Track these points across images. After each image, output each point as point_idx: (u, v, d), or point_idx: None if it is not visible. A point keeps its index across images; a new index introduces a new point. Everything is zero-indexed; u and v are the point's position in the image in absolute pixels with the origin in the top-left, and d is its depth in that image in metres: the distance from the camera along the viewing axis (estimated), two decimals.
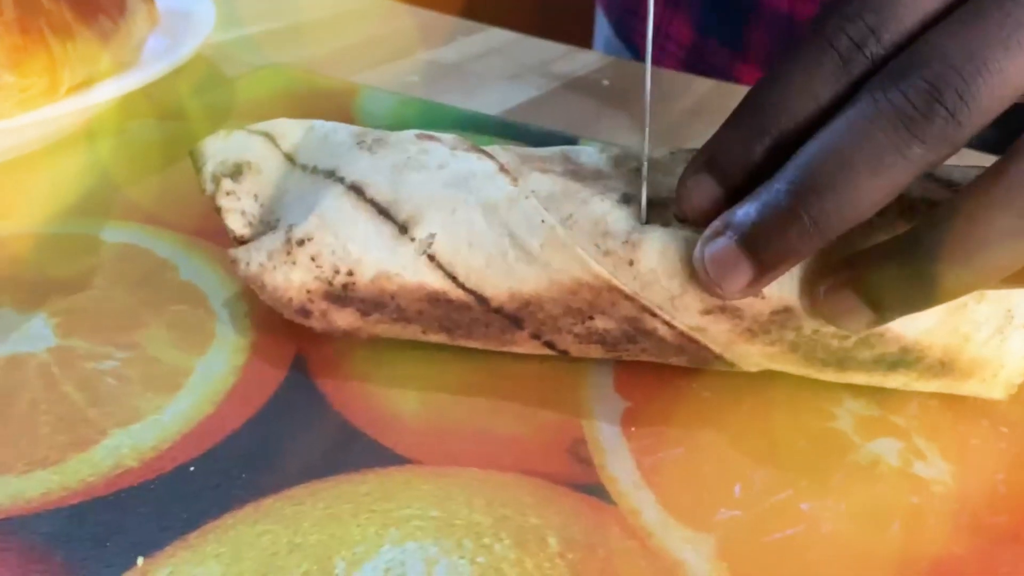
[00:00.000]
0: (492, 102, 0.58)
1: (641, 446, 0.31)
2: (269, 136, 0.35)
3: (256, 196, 0.34)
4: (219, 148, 0.35)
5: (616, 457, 0.30)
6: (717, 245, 0.28)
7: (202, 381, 0.32)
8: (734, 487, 0.30)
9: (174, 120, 0.51)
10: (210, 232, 0.40)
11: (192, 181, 0.44)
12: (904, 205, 0.30)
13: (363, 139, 0.34)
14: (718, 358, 0.32)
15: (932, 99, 0.25)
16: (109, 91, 0.44)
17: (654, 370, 0.34)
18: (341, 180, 0.32)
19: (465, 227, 0.31)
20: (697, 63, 0.73)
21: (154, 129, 0.49)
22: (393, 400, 0.32)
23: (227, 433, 0.30)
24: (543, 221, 0.30)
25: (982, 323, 0.31)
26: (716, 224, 0.29)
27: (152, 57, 0.50)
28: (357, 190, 0.31)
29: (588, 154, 0.34)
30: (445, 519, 0.28)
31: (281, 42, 0.66)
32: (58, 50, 0.39)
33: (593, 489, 0.29)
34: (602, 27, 0.82)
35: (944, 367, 0.32)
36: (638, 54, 0.76)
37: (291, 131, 0.35)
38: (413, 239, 0.31)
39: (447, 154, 0.33)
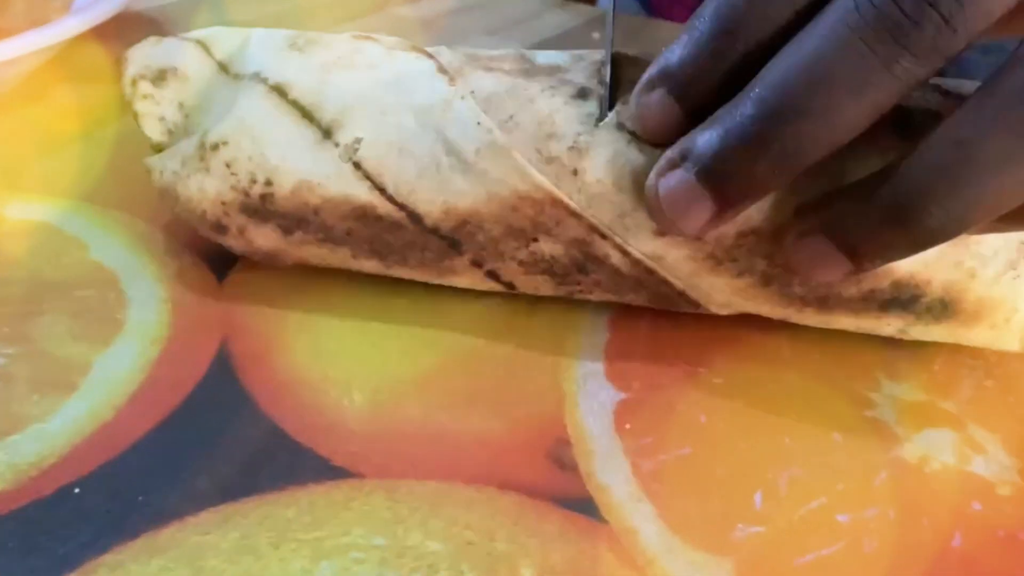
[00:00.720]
0: None
1: (638, 447, 0.25)
2: (202, 44, 0.31)
3: (181, 104, 0.31)
4: (146, 53, 0.31)
5: (607, 461, 0.25)
6: (674, 178, 0.25)
7: (102, 381, 0.27)
8: (754, 496, 0.24)
9: (99, 84, 0.45)
10: (133, 205, 0.34)
11: (114, 149, 0.38)
12: (897, 117, 0.25)
13: (296, 41, 0.30)
14: (681, 295, 0.28)
15: (923, 3, 0.21)
16: (21, 45, 0.38)
17: (653, 352, 0.28)
18: (264, 81, 0.29)
19: (395, 131, 0.27)
20: None
21: (75, 94, 0.43)
22: (334, 398, 0.26)
23: (127, 445, 0.25)
24: (479, 123, 0.26)
25: (990, 257, 0.26)
26: (672, 152, 0.25)
27: (80, 12, 0.44)
28: (280, 91, 0.28)
29: (548, 55, 0.30)
30: (392, 548, 0.22)
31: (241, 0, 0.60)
32: None
33: (579, 504, 0.24)
34: None
35: (946, 309, 0.27)
36: (649, 11, 0.70)
37: (227, 39, 0.31)
38: (337, 144, 0.27)
39: (382, 54, 0.29)
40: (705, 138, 0.24)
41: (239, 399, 0.26)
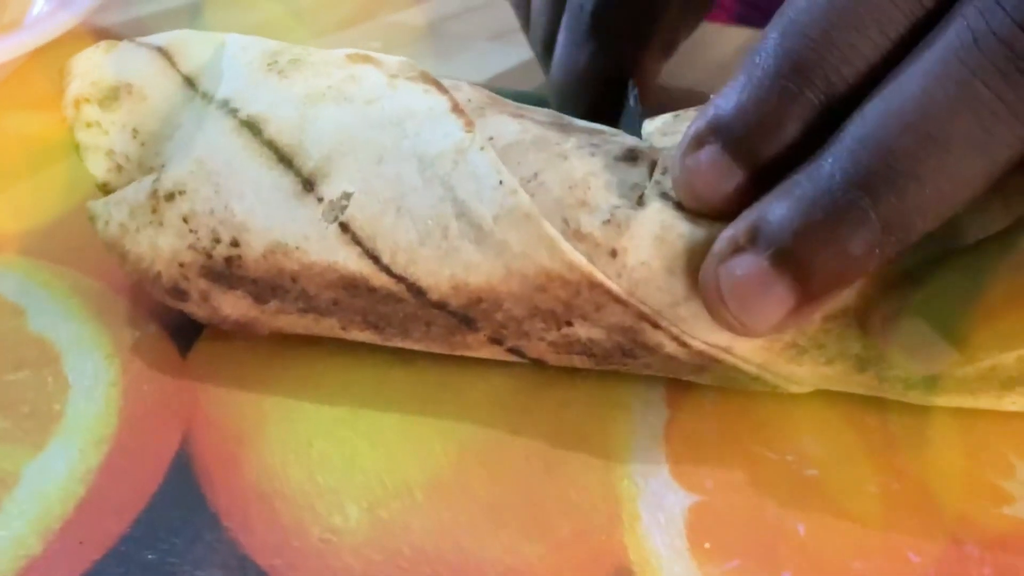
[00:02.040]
0: (472, 68, 0.47)
1: (723, 573, 0.19)
2: (165, 52, 0.26)
3: (135, 131, 0.25)
4: (94, 64, 0.26)
5: None
6: (741, 265, 0.19)
7: (29, 499, 0.21)
8: None
9: (51, 112, 0.39)
10: (83, 260, 0.29)
11: (65, 190, 0.32)
12: None
13: (277, 58, 0.24)
14: (756, 380, 0.22)
15: None
16: None
17: (725, 435, 0.23)
18: (234, 113, 0.23)
19: (393, 185, 0.21)
20: (751, 15, 0.61)
21: (23, 122, 0.37)
22: (322, 515, 0.21)
23: None
24: (501, 182, 0.21)
25: None
26: (735, 230, 0.19)
27: (30, 27, 0.38)
28: (252, 127, 0.22)
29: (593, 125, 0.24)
30: None
31: (225, 7, 0.54)
32: None
33: None
34: None
35: None
36: None
37: (197, 46, 0.26)
38: (321, 199, 0.22)
39: (382, 84, 0.23)
40: (780, 210, 0.19)
41: (202, 518, 0.21)
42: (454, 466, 0.22)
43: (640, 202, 0.21)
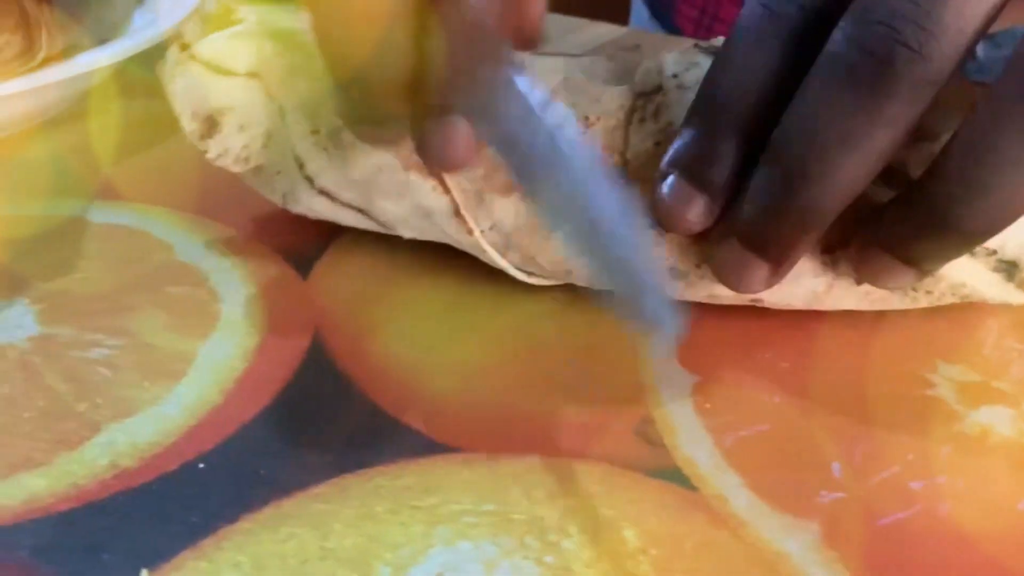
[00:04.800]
0: None
1: (718, 424, 0.27)
2: (255, 75, 0.31)
3: (241, 127, 0.31)
4: (192, 99, 0.31)
5: (691, 437, 0.26)
6: (723, 250, 0.27)
7: (207, 368, 0.28)
8: (832, 465, 0.26)
9: (156, 99, 0.46)
10: (209, 210, 0.36)
11: (187, 158, 0.40)
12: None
13: (317, 128, 0.31)
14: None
15: (890, 40, 0.22)
16: (92, 60, 0.39)
17: (720, 340, 0.30)
18: (310, 181, 0.31)
19: None
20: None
21: (143, 107, 0.45)
22: (427, 381, 0.28)
23: (239, 424, 0.26)
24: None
25: None
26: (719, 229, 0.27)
27: (139, 31, 0.45)
28: (327, 195, 0.31)
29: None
30: (502, 514, 0.24)
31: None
32: (32, 8, 0.34)
33: (669, 474, 0.25)
34: (639, 10, 0.77)
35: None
36: (653, 10, 0.72)
37: (274, 66, 0.31)
38: None
39: (402, 181, 0.30)
40: (742, 212, 0.26)
41: (338, 382, 0.28)
42: (517, 353, 0.29)
43: None
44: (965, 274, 0.28)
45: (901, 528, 0.24)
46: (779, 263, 0.26)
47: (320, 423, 0.26)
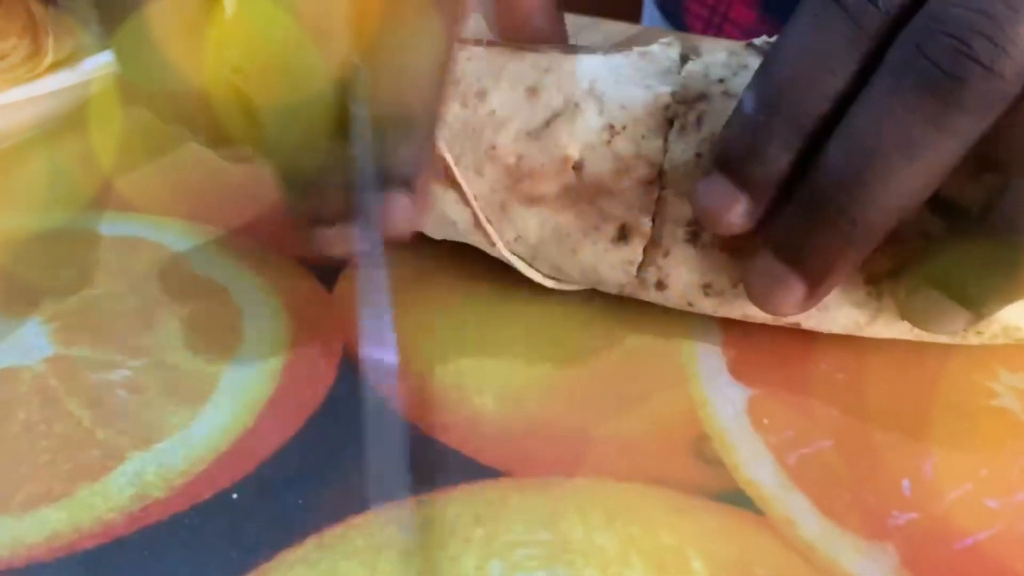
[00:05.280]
0: None
1: (779, 441, 0.25)
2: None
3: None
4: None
5: (753, 456, 0.25)
6: (757, 263, 0.25)
7: (234, 389, 0.27)
8: (901, 483, 0.24)
9: None
10: (226, 220, 0.34)
11: (199, 166, 0.38)
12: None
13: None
14: None
15: (960, 55, 0.21)
16: (98, 64, 0.38)
17: (771, 351, 0.29)
18: None
19: None
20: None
21: (138, 118, 0.43)
22: (467, 400, 0.27)
23: (273, 450, 0.25)
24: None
25: None
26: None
27: None
28: None
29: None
30: (559, 543, 0.22)
31: None
32: (39, 11, 0.33)
33: (732, 497, 0.24)
34: (650, 9, 0.76)
35: None
36: (664, 11, 0.70)
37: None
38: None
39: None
40: (781, 223, 0.24)
41: (373, 403, 0.26)
42: (559, 365, 0.28)
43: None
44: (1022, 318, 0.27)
45: (982, 550, 0.22)
46: (817, 282, 0.24)
47: (358, 446, 0.25)
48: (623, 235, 0.27)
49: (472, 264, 0.31)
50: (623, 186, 0.27)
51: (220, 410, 0.26)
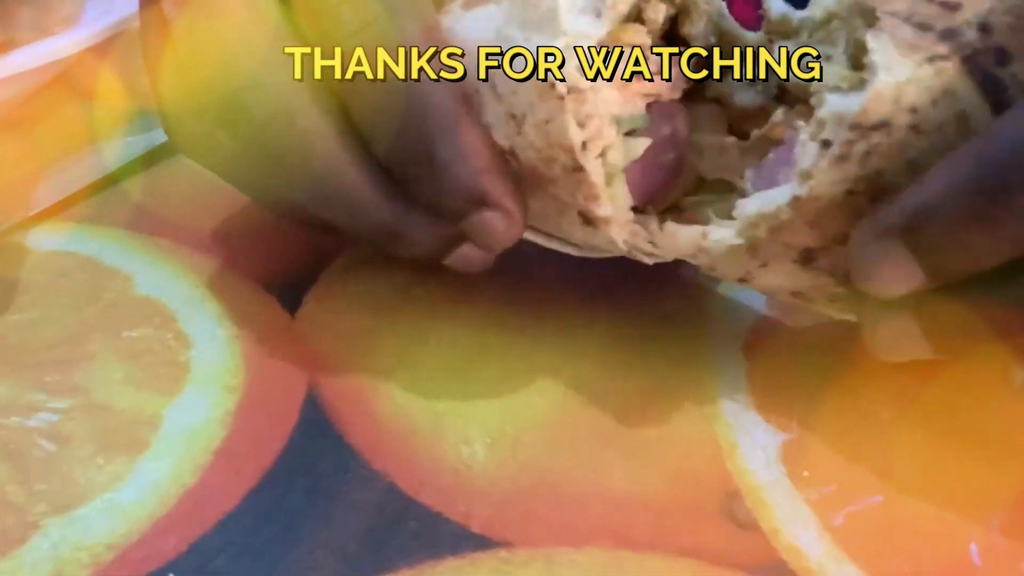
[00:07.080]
0: None
1: (822, 498, 0.22)
2: None
3: None
4: None
5: (792, 517, 0.21)
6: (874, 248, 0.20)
7: (177, 436, 0.23)
8: (968, 548, 0.20)
9: (109, 102, 0.40)
10: (173, 231, 0.30)
11: (147, 170, 0.34)
12: None
13: None
14: None
15: None
16: (32, 55, 0.34)
17: (805, 385, 0.25)
18: None
19: None
20: None
21: (86, 113, 0.39)
22: (453, 452, 0.23)
23: (221, 515, 0.20)
24: None
25: None
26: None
27: (91, 23, 0.40)
28: None
29: None
30: None
31: None
32: None
33: (773, 570, 0.20)
34: None
35: None
36: None
37: None
38: None
39: None
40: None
41: (342, 453, 0.22)
42: (560, 405, 0.24)
43: None
44: None
45: None
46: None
47: (326, 510, 0.21)
48: (588, 222, 0.23)
49: (457, 281, 0.26)
50: (555, 173, 0.23)
51: (158, 464, 0.22)
